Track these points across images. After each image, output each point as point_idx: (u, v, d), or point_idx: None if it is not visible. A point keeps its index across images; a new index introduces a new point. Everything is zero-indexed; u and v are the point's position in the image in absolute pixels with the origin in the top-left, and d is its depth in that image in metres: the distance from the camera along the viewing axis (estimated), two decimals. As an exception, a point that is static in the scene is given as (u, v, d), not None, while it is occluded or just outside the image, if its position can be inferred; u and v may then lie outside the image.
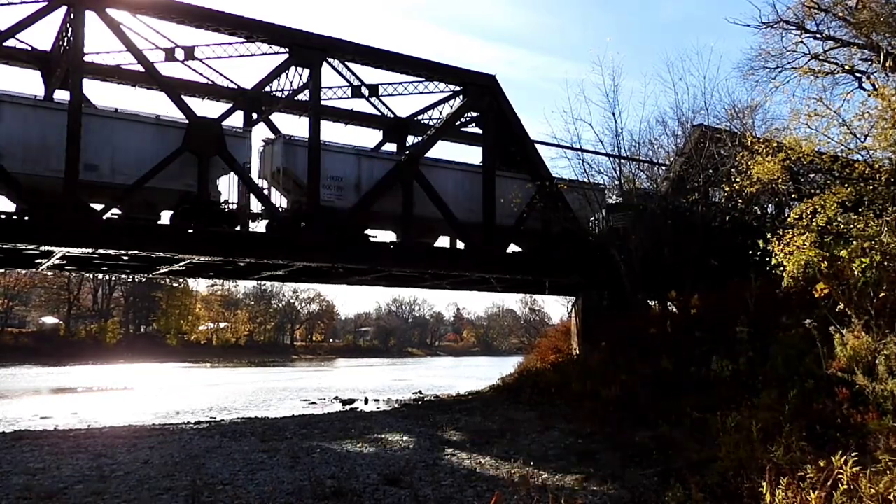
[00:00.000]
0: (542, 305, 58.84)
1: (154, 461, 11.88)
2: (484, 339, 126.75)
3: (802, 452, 7.37)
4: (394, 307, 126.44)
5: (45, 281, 71.05)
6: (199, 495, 9.38)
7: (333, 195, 19.21)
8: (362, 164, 20.07)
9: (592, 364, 18.43)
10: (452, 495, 9.37)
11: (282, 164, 18.96)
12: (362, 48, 20.12)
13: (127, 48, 17.08)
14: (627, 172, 22.78)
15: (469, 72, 21.88)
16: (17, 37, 17.15)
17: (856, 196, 12.02)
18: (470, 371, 51.28)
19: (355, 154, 20.11)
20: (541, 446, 12.68)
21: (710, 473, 8.34)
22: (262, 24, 18.55)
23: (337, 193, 19.32)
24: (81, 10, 15.96)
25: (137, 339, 77.37)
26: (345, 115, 25.20)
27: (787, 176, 14.32)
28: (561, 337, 27.28)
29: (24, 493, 9.64)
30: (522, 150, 22.57)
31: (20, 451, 13.07)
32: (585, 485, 9.59)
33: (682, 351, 14.94)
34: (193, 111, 17.11)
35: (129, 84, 21.36)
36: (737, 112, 22.49)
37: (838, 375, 10.00)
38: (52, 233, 15.22)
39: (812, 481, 6.18)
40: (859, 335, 10.09)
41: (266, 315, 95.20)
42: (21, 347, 62.01)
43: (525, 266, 22.48)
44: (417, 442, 13.80)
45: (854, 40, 17.26)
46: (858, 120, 12.07)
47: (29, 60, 19.44)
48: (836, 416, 8.93)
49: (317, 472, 10.52)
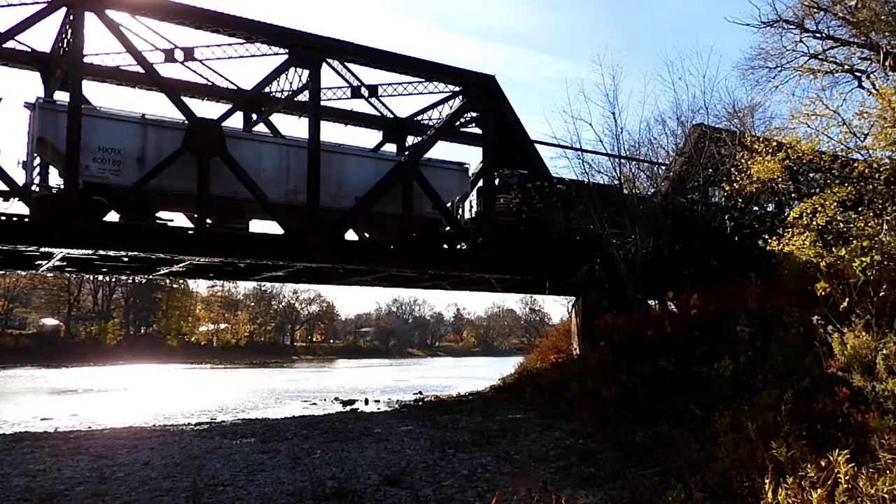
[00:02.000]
0: (542, 305, 58.90)
1: (154, 462, 11.88)
2: (484, 339, 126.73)
3: (803, 452, 7.36)
4: (394, 308, 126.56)
5: (46, 282, 71.11)
6: (199, 496, 9.38)
7: (108, 170, 16.49)
8: (149, 135, 17.17)
9: (593, 364, 18.44)
10: (453, 496, 9.37)
11: (40, 133, 16.36)
12: (362, 49, 20.11)
13: (126, 49, 17.07)
14: (627, 172, 22.77)
15: (469, 72, 21.88)
16: (17, 38, 17.16)
17: (856, 195, 12.04)
18: (470, 371, 51.31)
19: (140, 123, 17.21)
20: (541, 446, 12.68)
21: (711, 473, 8.35)
22: (261, 25, 18.55)
23: (112, 168, 16.57)
24: (81, 12, 15.95)
25: (138, 340, 77.39)
26: (344, 115, 25.20)
27: (787, 175, 14.33)
28: (561, 337, 27.28)
29: (24, 494, 9.65)
30: (522, 150, 22.58)
31: (21, 453, 13.08)
32: (586, 484, 9.60)
33: (682, 350, 14.94)
34: (194, 112, 17.12)
35: (129, 85, 21.36)
36: (736, 111, 22.50)
37: (838, 375, 10.01)
38: (56, 234, 15.24)
39: (813, 480, 6.18)
40: (860, 334, 10.10)
41: (266, 316, 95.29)
42: (21, 349, 62.07)
43: (525, 266, 22.46)
44: (418, 442, 13.80)
45: (854, 39, 17.26)
46: (858, 119, 12.10)
47: (29, 62, 19.43)
48: (836, 415, 8.93)
49: (317, 473, 10.52)
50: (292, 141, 19.91)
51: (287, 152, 19.23)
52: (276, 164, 18.93)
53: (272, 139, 20.36)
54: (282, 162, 19.04)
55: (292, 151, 19.22)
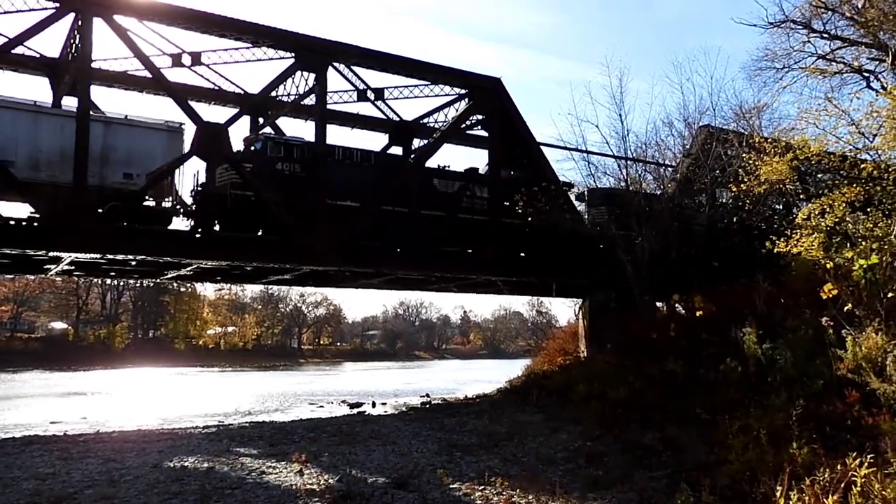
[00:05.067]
0: (549, 308, 58.43)
1: (163, 465, 11.91)
2: (491, 341, 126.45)
3: (814, 455, 7.31)
4: (400, 310, 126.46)
5: (54, 286, 71.41)
6: (208, 499, 9.41)
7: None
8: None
9: (600, 366, 18.37)
10: (461, 499, 9.36)
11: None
12: (367, 52, 20.15)
13: (134, 54, 17.17)
14: (634, 174, 22.71)
15: (474, 75, 21.89)
16: (25, 44, 17.27)
17: (864, 196, 11.98)
18: (477, 374, 51.22)
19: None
20: (549, 449, 12.64)
21: (720, 476, 8.31)
22: (267, 29, 18.61)
23: None
24: (89, 18, 16.05)
25: (146, 343, 77.62)
26: (351, 119, 25.24)
27: (795, 176, 14.28)
28: (568, 339, 27.21)
29: (34, 497, 9.69)
30: (528, 152, 22.56)
31: (30, 456, 13.14)
32: (594, 487, 9.56)
33: (689, 352, 14.87)
34: (201, 117, 17.18)
35: (137, 90, 21.48)
36: (744, 112, 22.42)
37: (848, 377, 9.93)
38: (62, 238, 15.33)
39: (825, 483, 6.14)
40: (869, 336, 10.03)
41: (273, 319, 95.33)
42: (31, 352, 62.34)
43: (531, 268, 22.43)
44: (425, 445, 13.79)
45: (862, 39, 17.18)
46: (867, 119, 12.04)
47: (37, 67, 19.57)
48: (846, 417, 8.87)
49: (325, 476, 10.52)
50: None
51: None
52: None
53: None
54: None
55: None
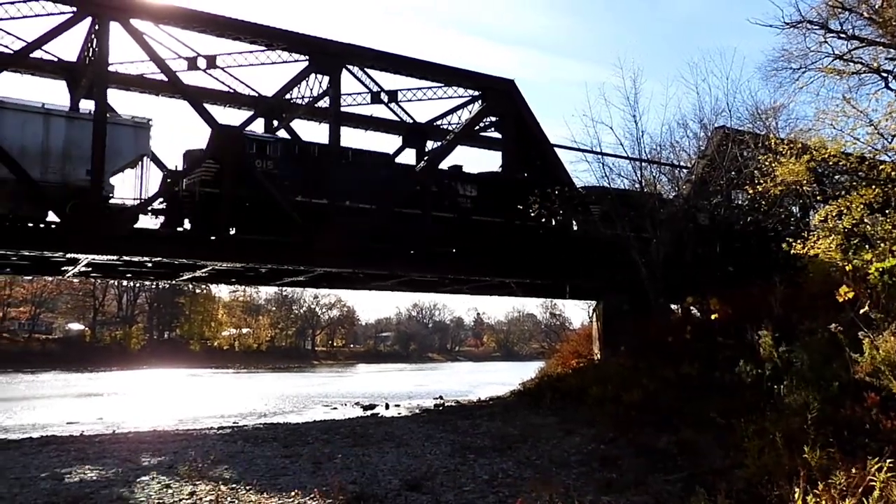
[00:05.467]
0: (562, 310, 58.28)
1: (178, 466, 11.99)
2: (504, 344, 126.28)
3: (831, 459, 7.22)
4: (414, 312, 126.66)
5: (71, 288, 72.24)
6: (222, 501, 9.45)
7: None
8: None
9: (614, 369, 18.28)
10: (474, 501, 9.34)
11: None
12: (381, 54, 20.21)
13: (150, 58, 17.34)
14: (648, 176, 22.57)
15: (488, 77, 21.88)
16: (43, 48, 17.50)
17: (883, 197, 11.83)
18: (490, 376, 51.14)
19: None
20: (562, 452, 12.59)
21: (736, 480, 8.22)
22: (281, 33, 18.72)
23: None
24: (106, 22, 16.24)
25: (161, 344, 78.29)
26: (364, 121, 25.31)
27: (812, 178, 14.14)
28: (582, 342, 27.11)
29: (51, 497, 9.79)
30: (541, 153, 22.51)
31: (48, 456, 13.28)
32: (608, 490, 9.50)
33: (705, 355, 14.75)
34: (216, 119, 17.31)
35: (153, 93, 21.68)
36: (760, 113, 22.24)
37: (866, 380, 9.79)
38: (79, 240, 15.50)
39: (842, 489, 6.06)
40: (887, 339, 9.89)
41: (287, 321, 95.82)
42: (48, 353, 63.15)
43: (545, 269, 22.37)
44: (439, 447, 13.78)
45: (880, 39, 16.96)
46: (886, 120, 11.90)
47: (55, 71, 19.83)
48: (864, 421, 8.73)
49: (339, 478, 10.54)
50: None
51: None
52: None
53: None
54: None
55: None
